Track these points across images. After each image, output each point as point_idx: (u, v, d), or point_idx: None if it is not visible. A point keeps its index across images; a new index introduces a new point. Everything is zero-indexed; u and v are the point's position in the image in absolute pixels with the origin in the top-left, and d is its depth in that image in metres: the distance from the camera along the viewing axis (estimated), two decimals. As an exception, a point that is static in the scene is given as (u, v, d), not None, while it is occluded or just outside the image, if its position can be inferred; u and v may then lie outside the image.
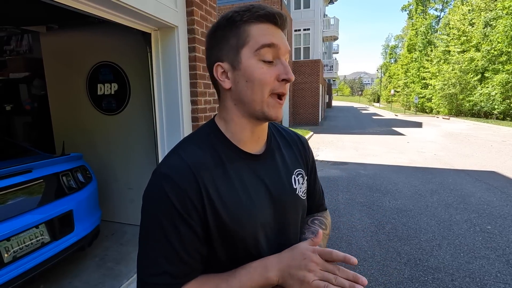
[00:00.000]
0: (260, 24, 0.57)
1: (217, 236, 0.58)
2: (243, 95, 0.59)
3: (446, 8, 33.54)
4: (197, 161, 0.58)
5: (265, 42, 0.56)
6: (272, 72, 0.57)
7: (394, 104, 40.11)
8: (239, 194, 0.60)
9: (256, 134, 0.65)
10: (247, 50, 0.57)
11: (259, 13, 0.57)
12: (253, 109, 0.59)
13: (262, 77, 0.57)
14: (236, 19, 0.58)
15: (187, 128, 2.44)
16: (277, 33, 0.58)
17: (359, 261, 2.77)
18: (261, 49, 0.56)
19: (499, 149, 8.47)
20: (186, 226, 0.55)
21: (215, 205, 0.57)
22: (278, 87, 0.58)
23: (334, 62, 23.10)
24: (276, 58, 0.58)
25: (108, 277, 2.34)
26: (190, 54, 2.41)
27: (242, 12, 0.58)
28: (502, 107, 17.70)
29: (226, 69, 0.60)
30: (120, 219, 3.23)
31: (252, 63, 0.57)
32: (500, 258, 2.77)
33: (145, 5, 1.86)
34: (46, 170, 2.12)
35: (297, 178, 0.71)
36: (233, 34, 0.58)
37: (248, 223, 0.59)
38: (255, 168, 0.64)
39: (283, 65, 0.58)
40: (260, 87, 0.57)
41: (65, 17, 2.84)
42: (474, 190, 4.84)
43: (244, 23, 0.58)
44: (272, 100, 0.58)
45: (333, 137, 11.75)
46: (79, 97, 3.15)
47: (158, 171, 0.58)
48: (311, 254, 0.56)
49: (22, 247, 1.80)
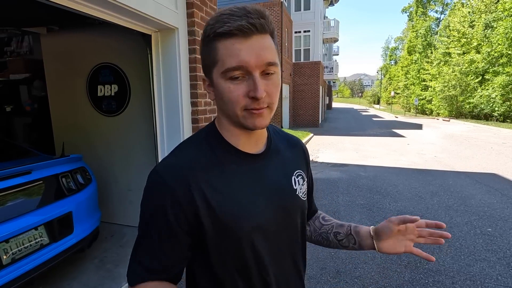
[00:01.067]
0: (226, 40, 0.53)
1: (212, 237, 0.58)
2: (221, 109, 0.61)
3: (446, 10, 33.62)
4: (192, 161, 0.59)
5: (230, 65, 0.53)
6: (239, 90, 0.54)
7: (394, 106, 40.12)
8: (237, 193, 0.60)
9: (253, 138, 0.65)
10: (216, 70, 0.56)
11: (220, 31, 0.53)
12: (233, 120, 0.60)
13: (230, 96, 0.55)
14: (207, 34, 0.56)
15: (187, 130, 2.44)
16: (246, 46, 0.53)
17: (359, 263, 2.76)
18: (227, 72, 0.54)
19: (499, 151, 8.46)
20: (166, 226, 0.57)
21: (211, 204, 0.57)
22: (249, 104, 0.55)
23: (334, 63, 23.14)
24: (247, 73, 0.54)
25: (107, 279, 2.33)
26: (190, 56, 2.41)
27: (211, 26, 0.55)
28: (503, 109, 17.69)
29: (208, 82, 0.62)
30: (119, 221, 3.23)
31: (221, 83, 0.56)
32: (501, 261, 2.76)
33: (145, 7, 1.86)
34: (45, 172, 2.12)
35: (297, 179, 0.71)
36: (206, 51, 0.58)
37: (246, 222, 0.59)
38: (254, 168, 0.64)
39: (253, 81, 0.54)
40: (230, 105, 0.56)
41: (65, 19, 2.85)
42: (474, 192, 4.83)
43: (212, 40, 0.55)
44: (247, 113, 0.56)
45: (334, 139, 11.74)
46: (79, 99, 3.15)
47: (154, 169, 0.61)
48: None
49: (21, 248, 1.80)
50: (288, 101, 15.44)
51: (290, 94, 15.84)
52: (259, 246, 0.61)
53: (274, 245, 0.64)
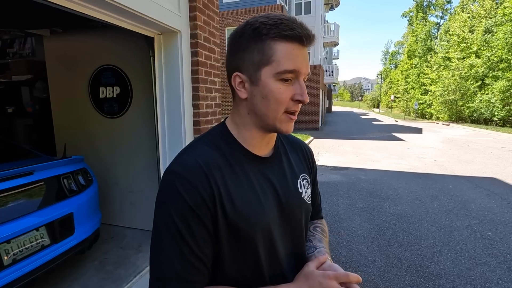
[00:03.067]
0: (286, 43, 0.56)
1: (224, 236, 0.59)
2: (258, 109, 0.61)
3: (446, 15, 33.82)
4: (208, 160, 0.59)
5: (288, 68, 0.56)
6: (288, 92, 0.58)
7: (394, 109, 40.20)
8: (248, 194, 0.61)
9: (266, 140, 0.67)
10: (268, 69, 0.57)
11: (286, 33, 0.56)
12: (265, 123, 0.61)
13: (279, 96, 0.58)
14: (262, 32, 0.57)
15: (189, 132, 2.45)
16: (302, 54, 0.57)
17: (360, 267, 2.76)
18: (283, 74, 0.57)
19: (499, 156, 8.47)
20: (200, 223, 0.56)
21: (225, 203, 0.58)
22: (291, 106, 0.59)
23: (334, 67, 23.24)
24: (294, 77, 0.58)
25: (107, 280, 2.33)
26: (192, 59, 2.43)
27: (269, 26, 0.56)
28: (502, 113, 17.74)
29: (244, 80, 0.61)
30: (120, 223, 3.22)
31: (271, 82, 0.57)
32: (501, 265, 2.76)
33: (149, 10, 1.88)
34: (47, 173, 2.12)
35: (303, 183, 0.73)
36: (258, 48, 0.58)
37: (256, 222, 0.60)
38: (263, 170, 0.66)
39: (300, 86, 0.58)
40: (276, 106, 0.58)
41: (69, 21, 2.87)
42: (474, 196, 4.83)
43: (270, 39, 0.56)
44: (285, 117, 0.60)
45: (333, 142, 11.75)
46: (81, 100, 3.17)
47: (170, 169, 0.59)
48: (329, 282, 0.57)
49: (22, 249, 1.80)
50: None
51: (290, 97, 15.84)
52: (267, 245, 0.62)
53: (280, 245, 0.65)
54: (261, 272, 0.62)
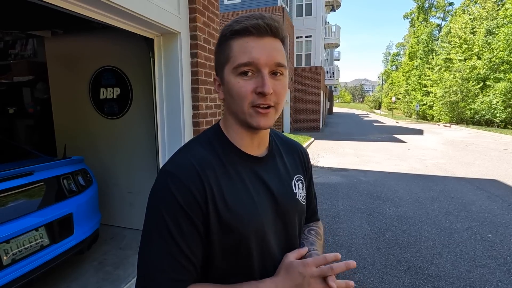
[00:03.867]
0: (240, 38, 0.58)
1: (217, 236, 0.59)
2: (231, 107, 0.63)
3: (448, 16, 33.81)
4: (202, 161, 0.60)
5: (241, 61, 0.57)
6: (248, 86, 0.58)
7: (395, 111, 40.15)
8: (241, 194, 0.61)
9: (256, 141, 0.67)
10: (228, 67, 0.59)
11: (236, 29, 0.57)
12: (239, 119, 0.62)
13: (239, 91, 0.58)
14: (223, 34, 0.60)
15: (188, 133, 2.45)
16: (259, 45, 0.57)
17: (359, 268, 2.75)
18: (238, 68, 0.58)
19: (500, 158, 8.44)
20: (190, 223, 0.56)
21: (218, 203, 0.58)
22: (256, 100, 0.58)
23: (336, 69, 23.26)
24: (257, 71, 0.58)
25: (107, 281, 2.33)
26: (192, 60, 2.44)
27: (228, 26, 0.60)
28: (504, 115, 17.68)
29: (218, 81, 0.64)
30: (119, 223, 3.23)
31: (231, 79, 0.59)
32: (501, 267, 2.75)
33: (148, 12, 1.89)
34: (47, 173, 2.13)
35: (297, 183, 0.73)
36: (220, 50, 0.61)
37: (249, 222, 0.60)
38: (257, 170, 0.66)
39: (262, 77, 0.57)
40: (238, 101, 0.59)
41: (69, 22, 2.89)
42: (475, 198, 4.81)
43: (228, 39, 0.59)
44: (253, 111, 0.59)
45: (334, 144, 11.74)
46: (81, 101, 3.18)
47: (164, 169, 0.60)
48: (308, 270, 0.57)
49: (21, 249, 1.81)
50: (289, 105, 15.47)
51: (291, 98, 15.88)
52: (260, 245, 0.62)
53: (274, 245, 0.65)
54: (252, 271, 0.62)
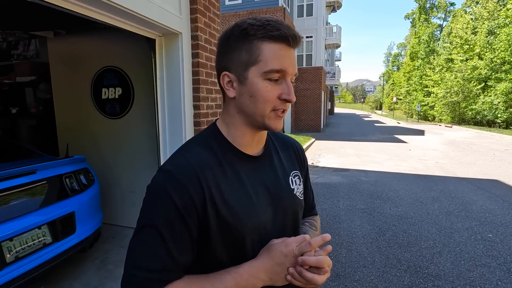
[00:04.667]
0: (273, 44, 0.58)
1: (217, 235, 0.60)
2: (246, 107, 0.62)
3: (449, 17, 33.75)
4: (200, 161, 0.61)
5: (274, 67, 0.58)
6: (275, 91, 0.59)
7: (396, 111, 40.09)
8: (240, 193, 0.62)
9: (256, 139, 0.68)
10: (255, 69, 0.59)
11: (273, 34, 0.57)
12: (254, 120, 0.63)
13: (266, 95, 0.59)
14: (250, 33, 0.59)
15: (189, 132, 2.47)
16: (288, 54, 0.59)
17: (359, 267, 2.76)
18: (269, 73, 0.58)
19: (501, 158, 8.42)
20: (182, 225, 0.56)
21: (217, 203, 0.59)
22: (279, 105, 0.61)
23: (337, 69, 23.25)
24: (282, 77, 0.60)
25: (108, 279, 2.35)
26: (193, 60, 2.46)
27: (257, 27, 0.58)
28: (505, 115, 17.63)
29: (232, 79, 0.62)
30: (121, 222, 3.25)
31: (258, 82, 0.59)
32: (501, 267, 2.75)
33: (150, 12, 1.91)
34: (49, 172, 2.15)
35: (294, 179, 0.75)
36: (245, 48, 0.59)
37: (249, 221, 0.61)
38: (254, 169, 0.67)
39: (287, 85, 0.60)
40: (263, 104, 0.60)
41: (72, 23, 2.91)
42: (475, 198, 4.81)
43: (258, 39, 0.58)
44: (273, 115, 0.62)
45: (335, 144, 11.74)
46: (83, 101, 3.21)
47: (162, 168, 0.61)
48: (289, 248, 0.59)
49: (24, 247, 1.83)
50: (290, 106, 15.44)
51: (292, 99, 15.87)
52: (259, 242, 0.63)
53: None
54: None
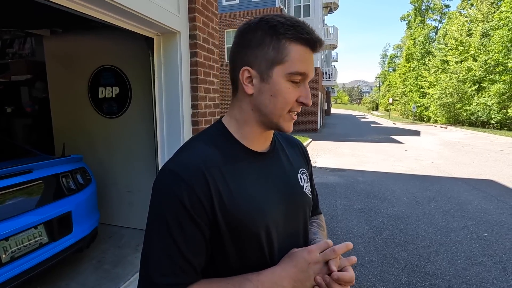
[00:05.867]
0: (301, 46, 0.58)
1: (227, 235, 0.58)
2: (263, 106, 0.61)
3: (444, 19, 34.08)
4: (207, 159, 0.59)
5: (300, 70, 0.58)
6: (295, 93, 0.60)
7: (392, 112, 40.35)
8: (250, 191, 0.61)
9: (264, 136, 0.68)
10: (281, 68, 0.58)
11: (303, 37, 0.57)
12: (269, 120, 0.63)
13: (287, 96, 0.60)
14: (279, 31, 0.57)
15: (187, 132, 2.46)
16: (311, 59, 0.60)
17: (357, 267, 2.77)
18: (294, 75, 0.58)
19: (496, 158, 8.52)
20: (192, 225, 0.55)
21: (226, 202, 0.57)
22: (295, 107, 0.62)
23: (333, 70, 23.31)
24: (302, 81, 0.61)
25: (105, 279, 2.33)
26: (191, 59, 2.45)
27: (287, 26, 0.57)
28: (499, 117, 17.83)
29: (253, 75, 0.60)
30: (118, 222, 3.23)
31: (282, 82, 0.59)
32: (496, 265, 2.78)
33: (149, 11, 1.90)
34: (46, 171, 2.13)
35: (302, 177, 0.74)
36: (273, 46, 0.58)
37: (259, 219, 0.60)
38: (263, 166, 0.66)
39: (305, 89, 0.61)
40: (283, 105, 0.60)
41: (69, 21, 2.89)
42: (471, 198, 4.86)
43: (287, 39, 0.57)
44: (288, 116, 0.63)
45: (332, 144, 11.79)
46: (80, 100, 3.18)
47: (167, 167, 0.58)
48: (313, 255, 0.58)
49: (20, 247, 1.81)
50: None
51: (289, 99, 15.90)
52: (271, 241, 0.62)
53: (286, 240, 0.65)
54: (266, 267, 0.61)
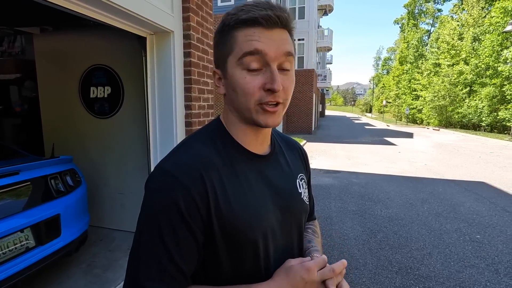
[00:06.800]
0: (246, 28, 0.52)
1: (222, 242, 0.55)
2: (233, 102, 0.58)
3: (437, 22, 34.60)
4: (204, 159, 0.56)
5: (247, 49, 0.52)
6: (256, 81, 0.53)
7: (386, 114, 40.75)
8: (247, 195, 0.57)
9: (260, 138, 0.63)
10: (232, 58, 0.54)
11: (242, 18, 0.52)
12: (244, 116, 0.58)
13: (245, 87, 0.53)
14: (225, 23, 0.55)
15: (181, 133, 2.42)
16: (267, 36, 0.52)
17: (351, 269, 2.76)
18: (244, 58, 0.52)
19: (487, 160, 8.64)
20: (186, 229, 0.52)
21: (223, 207, 0.54)
22: (264, 97, 0.53)
23: (328, 72, 23.46)
24: (264, 65, 0.53)
25: (95, 284, 2.27)
26: (185, 59, 2.41)
27: (231, 15, 0.54)
28: (489, 119, 18.15)
29: (220, 75, 0.59)
30: (109, 225, 3.16)
31: (236, 72, 0.54)
32: (489, 267, 2.80)
33: (141, 9, 1.86)
34: (34, 173, 2.07)
35: (301, 183, 0.71)
36: (222, 40, 0.56)
37: (256, 225, 0.56)
38: (261, 169, 0.62)
39: (271, 73, 0.52)
40: (243, 97, 0.54)
41: (59, 19, 2.83)
42: (463, 200, 4.91)
43: (231, 28, 0.54)
44: (259, 108, 0.55)
45: (326, 146, 11.83)
46: (71, 100, 3.12)
47: (161, 166, 0.55)
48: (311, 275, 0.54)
49: (5, 251, 1.74)
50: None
51: (283, 101, 15.94)
52: (267, 248, 0.59)
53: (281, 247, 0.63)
54: (259, 275, 0.58)
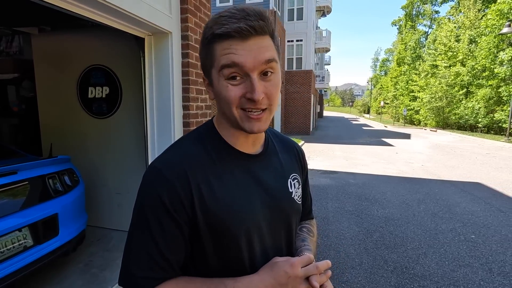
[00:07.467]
0: (222, 41, 0.54)
1: (207, 235, 0.58)
2: (220, 108, 0.61)
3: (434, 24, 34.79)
4: (191, 158, 0.59)
5: (224, 62, 0.54)
6: (237, 91, 0.55)
7: (383, 115, 40.90)
8: (234, 192, 0.60)
9: (251, 139, 0.65)
10: (214, 70, 0.57)
11: (217, 32, 0.53)
12: (230, 121, 0.60)
13: (227, 95, 0.56)
14: (205, 35, 0.57)
15: (178, 133, 2.44)
16: (244, 47, 0.53)
17: (347, 268, 2.79)
18: (223, 70, 0.54)
19: (483, 161, 8.71)
20: (171, 222, 0.55)
21: (207, 202, 0.57)
22: (244, 104, 0.56)
23: (326, 73, 23.52)
24: (244, 75, 0.55)
25: (93, 283, 2.28)
26: (183, 60, 2.43)
27: (209, 28, 0.56)
28: (486, 121, 18.27)
29: (208, 82, 0.62)
30: (107, 225, 3.17)
31: (219, 82, 0.56)
32: (483, 267, 2.83)
33: (139, 10, 1.88)
34: (32, 172, 2.08)
35: (293, 183, 0.72)
36: (204, 52, 0.59)
37: (239, 221, 0.59)
38: (251, 168, 0.64)
39: (251, 84, 0.54)
40: (226, 105, 0.57)
41: (58, 19, 2.84)
42: (459, 200, 4.95)
43: (209, 42, 0.56)
44: (243, 114, 0.57)
45: (324, 147, 11.87)
46: (69, 100, 3.12)
47: (152, 164, 0.60)
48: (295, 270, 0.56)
49: (3, 250, 1.75)
50: (280, 108, 15.56)
51: (282, 102, 15.98)
52: (251, 245, 0.61)
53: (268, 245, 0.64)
54: (245, 270, 0.60)
